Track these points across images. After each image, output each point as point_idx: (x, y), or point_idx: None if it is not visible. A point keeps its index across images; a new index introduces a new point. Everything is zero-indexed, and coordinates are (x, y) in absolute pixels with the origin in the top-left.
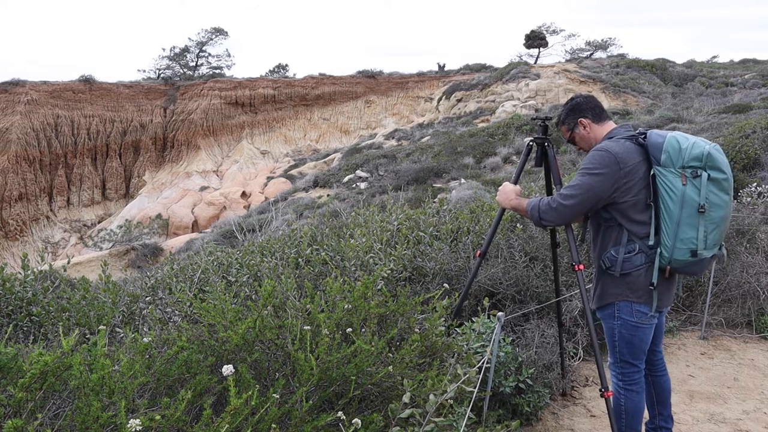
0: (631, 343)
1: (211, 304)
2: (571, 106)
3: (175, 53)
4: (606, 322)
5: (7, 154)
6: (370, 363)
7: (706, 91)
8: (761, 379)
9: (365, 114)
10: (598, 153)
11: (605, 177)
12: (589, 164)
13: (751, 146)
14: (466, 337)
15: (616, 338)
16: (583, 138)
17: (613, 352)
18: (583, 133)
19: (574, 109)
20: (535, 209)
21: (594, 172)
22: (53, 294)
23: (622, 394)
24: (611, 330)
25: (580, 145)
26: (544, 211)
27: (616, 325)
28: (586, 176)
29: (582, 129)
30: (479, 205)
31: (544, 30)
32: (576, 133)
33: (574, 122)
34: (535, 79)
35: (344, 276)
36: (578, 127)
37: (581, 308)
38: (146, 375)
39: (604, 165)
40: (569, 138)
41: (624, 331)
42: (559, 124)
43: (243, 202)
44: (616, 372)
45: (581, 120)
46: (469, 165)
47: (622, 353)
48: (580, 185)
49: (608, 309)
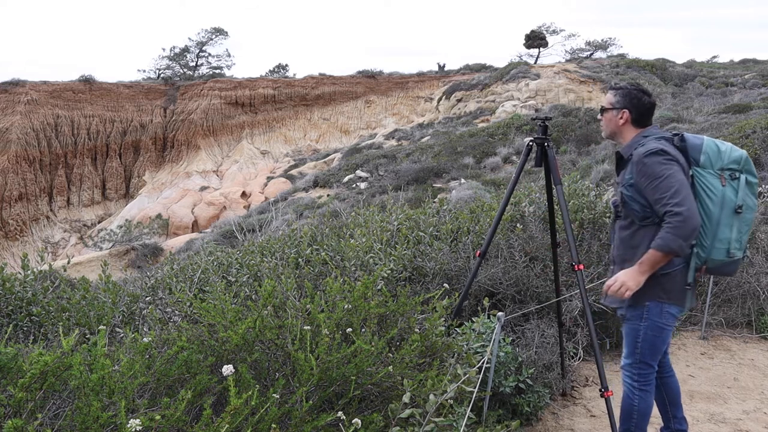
0: (654, 345)
1: (211, 304)
2: (633, 93)
3: (175, 53)
4: (631, 322)
5: (7, 154)
6: (370, 363)
7: (706, 91)
8: (761, 379)
9: (365, 114)
10: (657, 157)
11: (678, 170)
12: (656, 168)
13: (751, 146)
14: (466, 337)
15: (639, 339)
16: (610, 122)
17: (633, 353)
18: (615, 119)
19: (632, 100)
20: (673, 241)
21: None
22: (53, 294)
23: (636, 394)
24: (635, 330)
25: (603, 123)
26: (680, 231)
27: (642, 326)
28: (668, 177)
29: (618, 117)
30: (479, 205)
31: (544, 30)
32: (611, 113)
33: (621, 105)
34: (535, 79)
35: (344, 276)
36: (617, 112)
37: (581, 308)
38: (146, 375)
39: (669, 161)
40: (603, 108)
41: (649, 332)
42: (610, 89)
43: (243, 202)
44: (633, 372)
45: (625, 111)
46: (469, 165)
47: (643, 354)
48: (671, 182)
49: (636, 309)
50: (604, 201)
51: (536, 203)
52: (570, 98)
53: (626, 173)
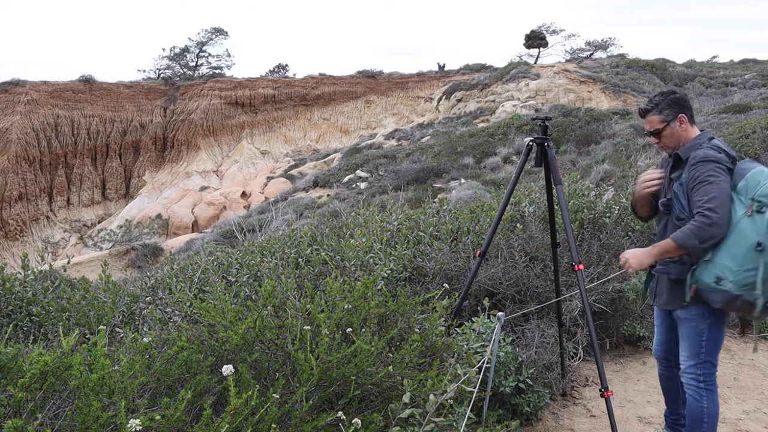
0: (716, 343)
1: (211, 304)
2: (673, 98)
3: (175, 53)
4: (691, 322)
5: (7, 154)
6: (370, 363)
7: (706, 91)
8: (761, 379)
9: (365, 114)
10: (711, 164)
11: (725, 180)
12: (706, 174)
13: (751, 146)
14: (466, 337)
15: (704, 338)
16: (674, 134)
17: (696, 353)
18: (678, 129)
19: (677, 103)
20: (690, 238)
21: (717, 177)
22: (53, 294)
23: (705, 395)
24: (698, 330)
25: (665, 142)
26: (700, 232)
27: (705, 325)
28: (713, 183)
29: (679, 125)
30: (479, 205)
31: (544, 30)
32: (670, 127)
33: (674, 116)
34: (535, 79)
35: (344, 276)
36: (675, 122)
37: (581, 308)
38: (146, 375)
39: (720, 171)
40: (658, 130)
41: (712, 332)
42: (649, 112)
43: (243, 202)
44: (698, 373)
45: (682, 116)
46: (469, 165)
47: (708, 353)
48: (713, 189)
49: (696, 309)
50: (604, 201)
51: (536, 203)
52: (570, 98)
53: (682, 172)
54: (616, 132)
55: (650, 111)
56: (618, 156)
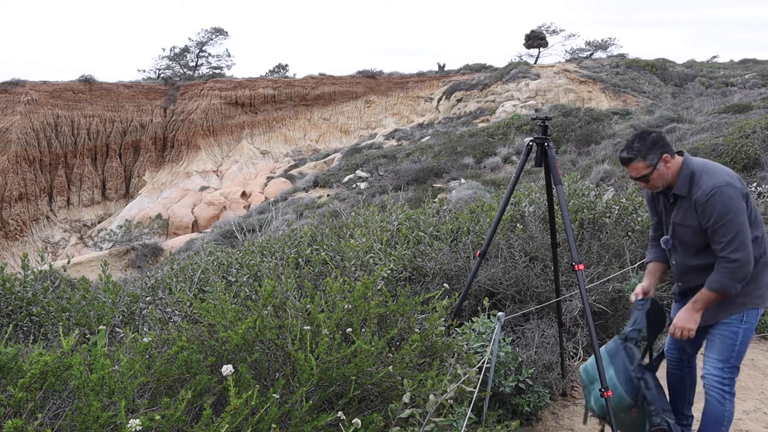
0: (745, 348)
1: (211, 304)
2: (652, 140)
3: (175, 53)
4: (729, 326)
5: (7, 154)
6: (370, 363)
7: (706, 91)
8: (761, 379)
9: (365, 114)
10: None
11: (736, 204)
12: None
13: (751, 146)
14: (466, 337)
15: (737, 343)
16: (662, 175)
17: (728, 358)
18: (664, 170)
19: (657, 144)
20: (728, 286)
21: (729, 210)
22: (53, 294)
23: (728, 399)
24: (735, 335)
25: (654, 183)
26: (734, 276)
27: (741, 329)
28: (726, 222)
29: (664, 165)
30: (479, 205)
31: (544, 30)
32: (657, 170)
33: (658, 157)
34: (535, 79)
35: (344, 276)
36: (661, 163)
37: (581, 308)
38: (146, 375)
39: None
40: (645, 175)
41: (745, 336)
42: (632, 161)
43: (243, 202)
44: (725, 377)
45: (666, 156)
46: (469, 165)
47: (737, 358)
48: (731, 229)
49: (737, 314)
50: (604, 201)
51: (536, 203)
52: (570, 98)
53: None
54: (616, 132)
55: (633, 159)
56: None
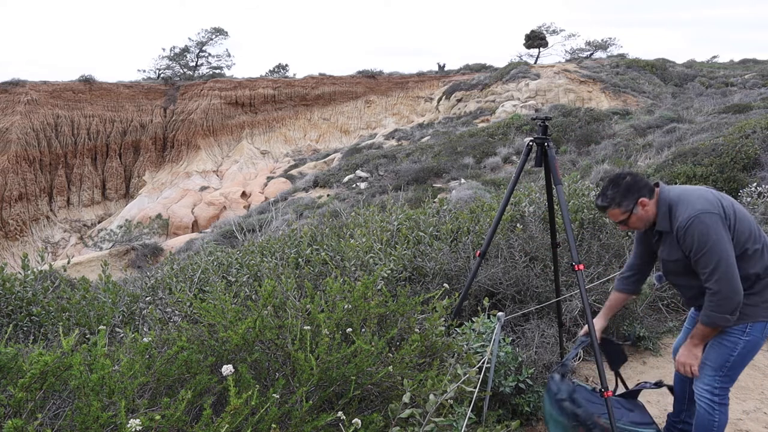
0: (744, 361)
1: (211, 304)
2: (626, 186)
3: (175, 53)
4: (729, 337)
5: (7, 154)
6: (370, 363)
7: (706, 91)
8: (761, 379)
9: (365, 114)
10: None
11: (717, 232)
12: (698, 242)
13: (751, 146)
14: (466, 337)
15: (735, 353)
16: (641, 218)
17: (721, 366)
18: (642, 213)
19: (632, 189)
20: (719, 319)
21: (709, 238)
22: (53, 294)
23: (717, 410)
24: (734, 345)
25: (635, 225)
26: (722, 309)
27: (742, 341)
28: (707, 251)
29: (641, 209)
30: (479, 205)
31: (544, 30)
32: (635, 214)
33: (634, 203)
34: (535, 79)
35: (344, 276)
36: (638, 207)
37: (581, 308)
38: (146, 375)
39: (708, 228)
40: (623, 220)
41: (745, 349)
42: (607, 208)
43: (243, 202)
44: (715, 386)
45: (642, 200)
46: (469, 165)
47: (732, 369)
48: (712, 258)
49: (742, 325)
50: None
51: (536, 203)
52: (570, 98)
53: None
54: (616, 132)
55: (608, 207)
56: (618, 156)
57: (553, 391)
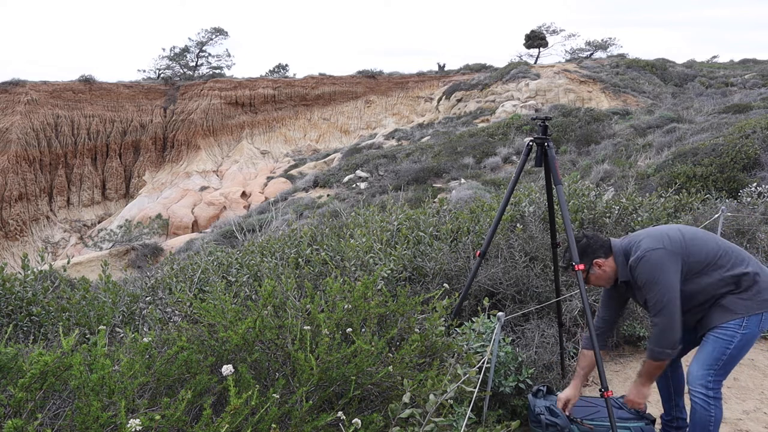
0: (740, 355)
1: (211, 304)
2: (581, 249)
3: (175, 53)
4: (726, 331)
5: (7, 154)
6: (370, 363)
7: (706, 91)
8: (761, 379)
9: (365, 114)
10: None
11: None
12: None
13: (751, 146)
14: (466, 337)
15: (731, 347)
16: (600, 277)
17: (715, 362)
18: (599, 272)
19: (587, 251)
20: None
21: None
22: (53, 294)
23: (712, 404)
24: (731, 338)
25: (596, 284)
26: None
27: (739, 334)
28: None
29: (598, 269)
30: (479, 205)
31: (544, 30)
32: (592, 273)
33: (589, 265)
34: (535, 79)
35: (344, 276)
36: (594, 268)
37: (581, 308)
38: (146, 375)
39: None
40: (585, 278)
41: (742, 342)
42: (568, 268)
43: (243, 202)
44: (709, 381)
45: (596, 261)
46: (469, 165)
47: (726, 363)
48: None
49: (736, 320)
50: (604, 201)
51: (536, 203)
52: (570, 98)
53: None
54: (616, 132)
55: (566, 269)
56: (618, 156)
57: (531, 407)
